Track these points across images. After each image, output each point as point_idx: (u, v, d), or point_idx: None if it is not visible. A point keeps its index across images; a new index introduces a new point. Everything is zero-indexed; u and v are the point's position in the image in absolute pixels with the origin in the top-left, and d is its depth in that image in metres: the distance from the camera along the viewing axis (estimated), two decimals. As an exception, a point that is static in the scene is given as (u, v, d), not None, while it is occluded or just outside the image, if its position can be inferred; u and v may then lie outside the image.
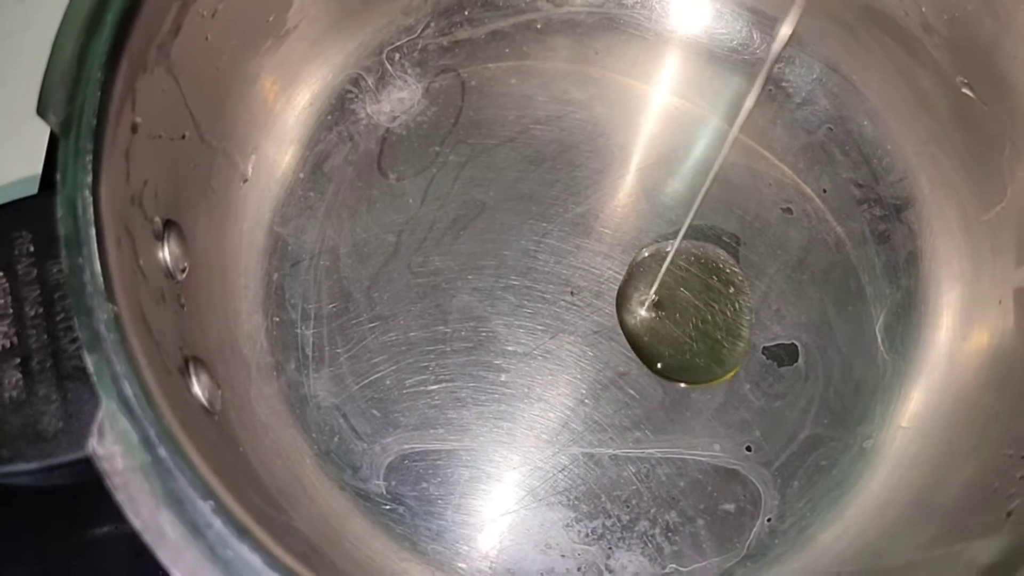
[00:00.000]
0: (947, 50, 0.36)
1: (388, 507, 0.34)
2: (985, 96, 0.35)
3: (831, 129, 0.41)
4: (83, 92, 0.25)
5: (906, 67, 0.38)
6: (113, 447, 0.23)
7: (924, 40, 0.37)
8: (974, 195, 0.36)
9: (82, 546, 0.36)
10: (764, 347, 0.38)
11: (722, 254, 0.37)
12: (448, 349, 0.37)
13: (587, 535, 0.34)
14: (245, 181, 0.37)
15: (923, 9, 0.36)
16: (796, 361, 0.38)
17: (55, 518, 0.36)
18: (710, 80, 0.42)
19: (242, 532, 0.22)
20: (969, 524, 0.29)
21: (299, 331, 0.36)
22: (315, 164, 0.39)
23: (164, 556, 0.22)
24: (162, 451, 0.22)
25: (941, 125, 0.37)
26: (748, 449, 0.36)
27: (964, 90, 0.36)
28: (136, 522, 0.22)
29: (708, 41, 0.43)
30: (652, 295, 0.37)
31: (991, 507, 0.28)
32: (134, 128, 0.27)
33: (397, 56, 0.41)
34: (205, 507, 0.22)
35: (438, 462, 0.35)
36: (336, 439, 0.35)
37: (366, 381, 0.36)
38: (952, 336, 0.36)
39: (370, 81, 0.40)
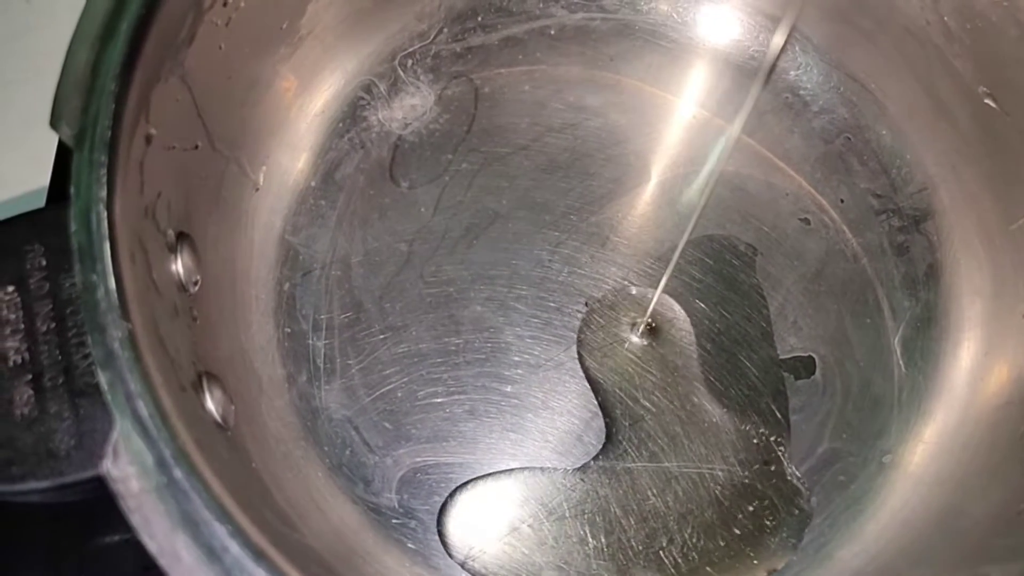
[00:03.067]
0: (969, 59, 0.35)
1: (399, 521, 0.34)
2: (1008, 107, 0.34)
3: (849, 138, 0.41)
4: (97, 103, 0.25)
5: (926, 76, 0.37)
6: (128, 468, 0.22)
7: (945, 49, 0.36)
8: (996, 207, 0.36)
9: (92, 556, 0.35)
10: (781, 359, 0.37)
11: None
12: (460, 360, 0.36)
13: (602, 551, 0.34)
14: (257, 190, 0.36)
15: (945, 18, 0.35)
16: (813, 374, 0.37)
17: (66, 527, 0.36)
18: (726, 87, 0.42)
19: (259, 556, 0.22)
20: (993, 546, 0.28)
21: (310, 342, 0.36)
22: (327, 172, 0.39)
23: (179, 580, 0.21)
24: (177, 472, 0.22)
25: (962, 135, 0.37)
26: (765, 463, 0.36)
27: (987, 100, 0.35)
28: (151, 545, 0.22)
29: (724, 48, 0.42)
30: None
31: (1016, 529, 0.28)
32: (148, 139, 0.27)
33: (410, 62, 0.40)
34: (222, 530, 0.22)
35: (450, 475, 0.35)
36: (348, 452, 0.35)
37: (378, 393, 0.36)
38: (973, 351, 0.36)
39: (382, 88, 0.40)
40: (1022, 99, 0.34)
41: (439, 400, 0.36)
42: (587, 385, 0.36)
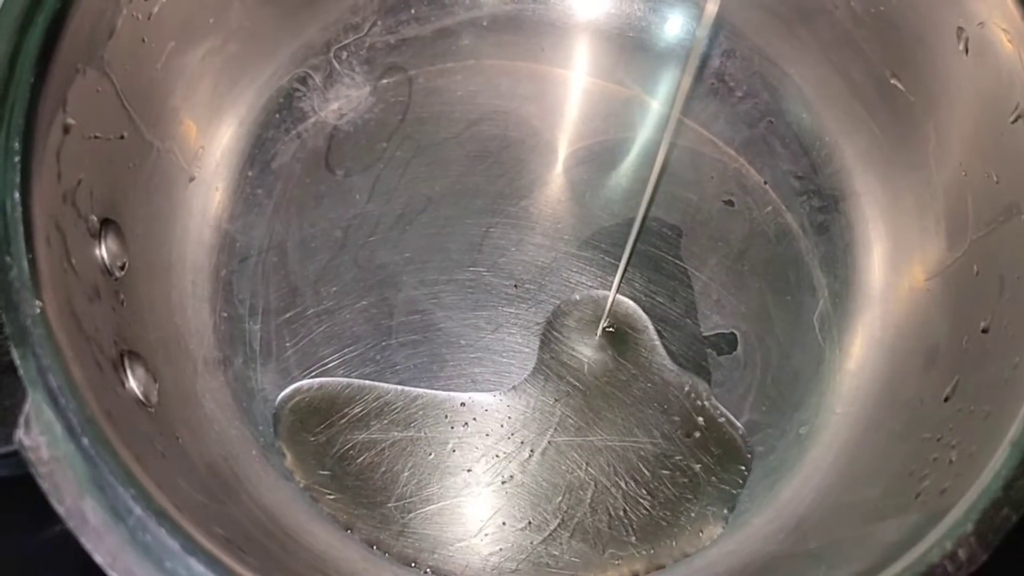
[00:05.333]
0: (876, 43, 0.37)
1: (332, 497, 0.35)
2: (912, 88, 0.36)
3: (771, 122, 0.42)
4: (13, 93, 0.26)
5: (840, 60, 0.39)
6: (39, 437, 0.23)
7: (855, 33, 0.37)
8: (904, 185, 0.37)
9: (42, 543, 0.36)
10: (704, 336, 0.38)
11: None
12: (393, 342, 0.38)
13: (529, 522, 0.35)
14: (192, 179, 0.37)
15: (852, 3, 0.37)
16: (735, 350, 0.38)
17: (15, 514, 0.37)
18: (655, 73, 0.43)
19: (162, 517, 0.23)
20: (885, 505, 0.29)
21: (247, 326, 0.37)
22: (264, 162, 0.40)
23: (86, 541, 0.23)
24: (85, 441, 0.23)
25: (873, 117, 0.38)
26: (687, 436, 0.37)
27: (893, 81, 0.36)
28: (60, 509, 0.23)
29: (651, 37, 0.43)
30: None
31: (905, 489, 0.29)
32: (66, 129, 0.28)
33: (345, 54, 0.42)
34: (126, 494, 0.23)
35: (382, 452, 0.36)
36: (282, 431, 0.36)
37: (312, 374, 0.37)
38: (883, 324, 0.37)
39: (318, 79, 0.41)
40: (923, 81, 0.35)
41: (372, 380, 0.37)
42: (516, 363, 0.38)
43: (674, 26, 0.43)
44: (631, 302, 0.39)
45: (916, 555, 0.24)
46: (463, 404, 0.37)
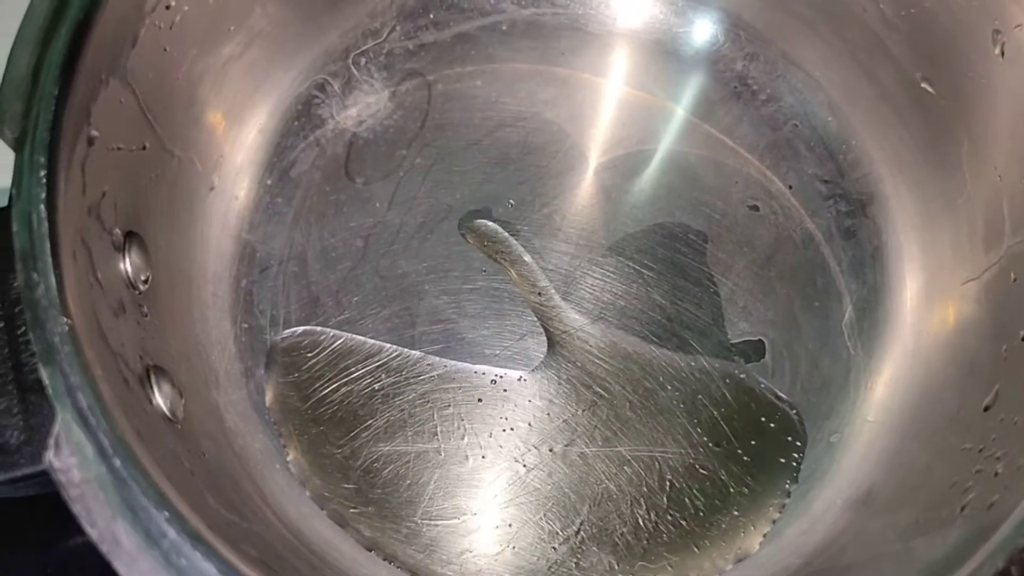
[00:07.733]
0: (906, 46, 0.36)
1: (357, 511, 0.34)
2: (943, 91, 0.35)
3: (796, 126, 0.41)
4: (38, 107, 0.26)
5: (867, 63, 0.38)
6: (69, 459, 0.23)
7: (884, 36, 0.37)
8: (935, 190, 0.37)
9: (63, 554, 0.36)
10: (732, 344, 0.38)
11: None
12: (417, 352, 0.37)
13: (557, 534, 0.35)
14: (212, 189, 0.37)
15: (881, 5, 0.36)
16: (763, 357, 0.38)
17: (36, 527, 0.36)
18: (675, 77, 0.42)
19: (196, 540, 0.22)
20: (926, 519, 0.29)
21: (268, 337, 0.37)
22: (283, 170, 0.39)
23: (119, 565, 0.22)
24: (117, 462, 0.23)
25: (903, 120, 0.38)
26: (716, 445, 0.36)
27: (923, 85, 0.36)
28: (92, 532, 0.22)
29: (672, 39, 0.43)
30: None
31: (948, 502, 0.28)
32: (90, 141, 0.27)
33: (363, 61, 0.41)
34: (159, 517, 0.22)
35: (407, 464, 0.35)
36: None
37: (335, 385, 0.36)
38: (916, 331, 0.37)
39: (336, 86, 0.40)
40: (956, 84, 0.34)
41: (396, 391, 0.37)
42: (540, 373, 0.37)
43: (697, 30, 0.42)
44: (655, 309, 0.38)
45: (965, 573, 0.24)
46: (489, 415, 0.36)
